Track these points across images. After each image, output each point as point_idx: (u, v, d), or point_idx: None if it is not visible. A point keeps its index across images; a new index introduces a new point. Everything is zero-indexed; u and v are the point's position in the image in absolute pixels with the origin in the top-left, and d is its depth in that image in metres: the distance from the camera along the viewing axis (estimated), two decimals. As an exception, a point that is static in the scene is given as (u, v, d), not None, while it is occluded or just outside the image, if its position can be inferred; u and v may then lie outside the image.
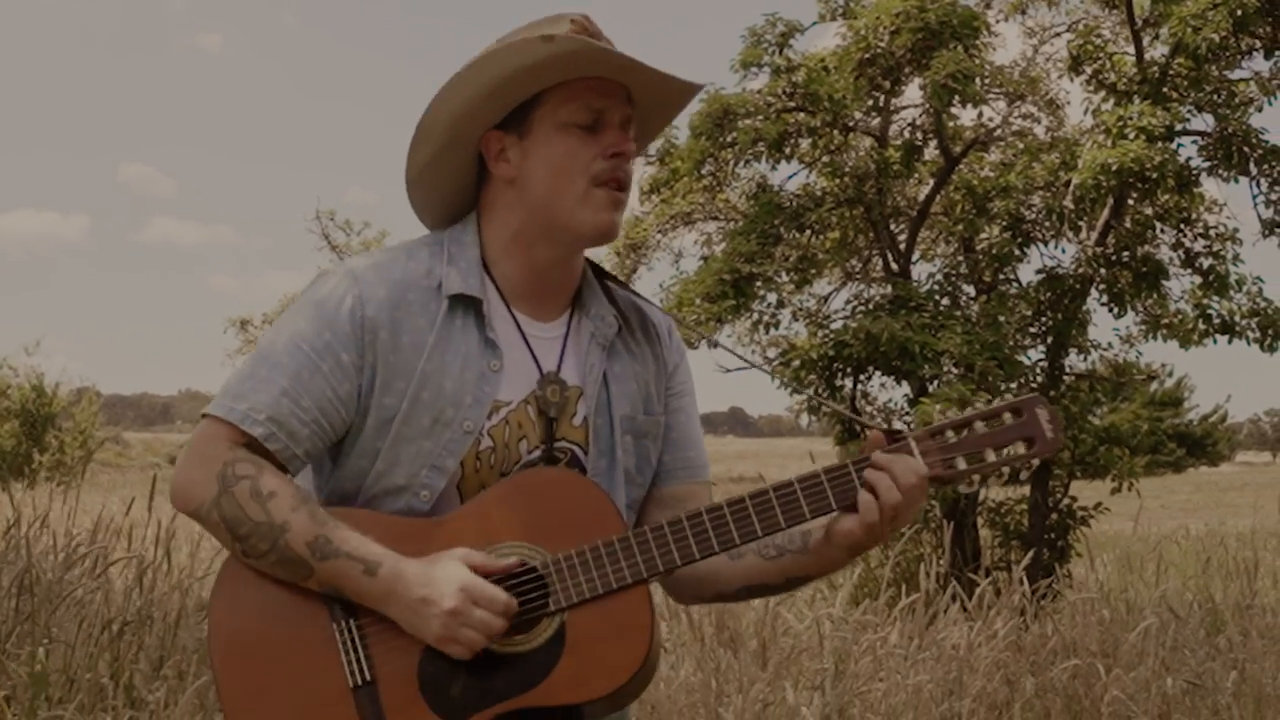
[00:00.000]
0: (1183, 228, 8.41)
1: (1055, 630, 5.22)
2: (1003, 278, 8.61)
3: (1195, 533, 12.79)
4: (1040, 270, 8.38)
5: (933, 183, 8.79)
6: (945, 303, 8.44)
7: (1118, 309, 8.38)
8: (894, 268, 8.70)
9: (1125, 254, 8.33)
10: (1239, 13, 7.69)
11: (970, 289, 8.72)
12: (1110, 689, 4.52)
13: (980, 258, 8.53)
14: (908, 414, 8.19)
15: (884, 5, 7.98)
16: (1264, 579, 7.91)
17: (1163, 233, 8.48)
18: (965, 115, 8.93)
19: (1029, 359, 8.32)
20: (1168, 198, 8.21)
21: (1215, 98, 8.36)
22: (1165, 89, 8.14)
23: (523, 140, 1.82)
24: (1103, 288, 8.31)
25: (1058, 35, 9.34)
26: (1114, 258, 8.30)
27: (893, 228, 8.95)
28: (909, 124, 8.91)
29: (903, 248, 8.76)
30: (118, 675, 4.16)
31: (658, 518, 1.83)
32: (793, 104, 8.40)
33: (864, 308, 8.42)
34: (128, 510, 5.30)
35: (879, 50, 7.98)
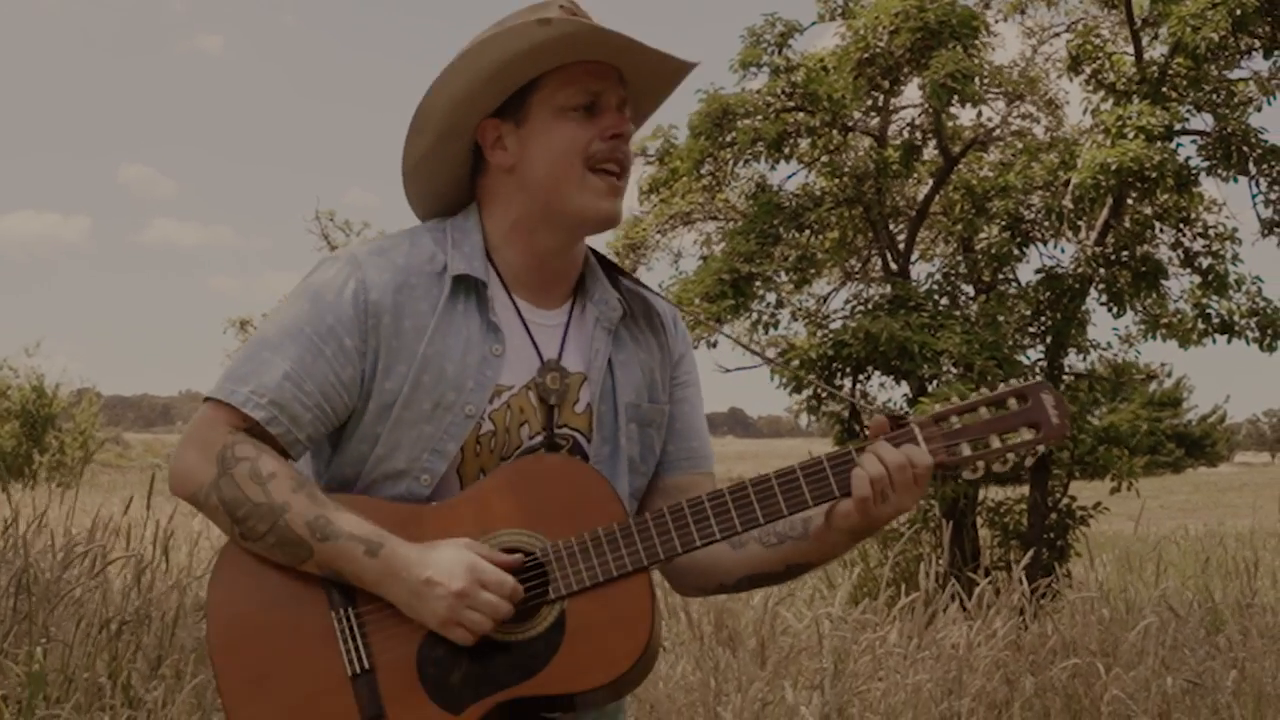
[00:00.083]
0: (1182, 227, 8.40)
1: (1055, 629, 5.20)
2: (1002, 277, 8.61)
3: (1194, 533, 12.80)
4: (1039, 270, 8.38)
5: (932, 182, 8.79)
6: (944, 302, 8.44)
7: (1117, 309, 8.37)
8: (893, 267, 8.70)
9: (1124, 254, 8.32)
10: (1238, 12, 7.69)
11: (969, 289, 8.71)
12: (1110, 688, 4.50)
13: (979, 257, 8.53)
14: (907, 413, 8.17)
15: (883, 5, 7.98)
16: (1264, 578, 7.90)
17: (1162, 232, 8.48)
18: (964, 115, 8.94)
19: (1028, 359, 8.31)
20: (1167, 197, 8.20)
21: (1214, 97, 8.36)
22: (1164, 89, 8.14)
23: (520, 128, 1.82)
24: (1102, 287, 8.30)
25: (1057, 35, 9.33)
26: (1113, 257, 8.30)
27: (892, 227, 8.95)
28: (908, 124, 8.91)
29: (902, 247, 8.76)
30: (115, 674, 4.15)
31: (660, 507, 1.81)
32: (792, 104, 8.40)
33: (863, 307, 8.42)
34: (126, 509, 5.28)
35: (878, 50, 7.98)
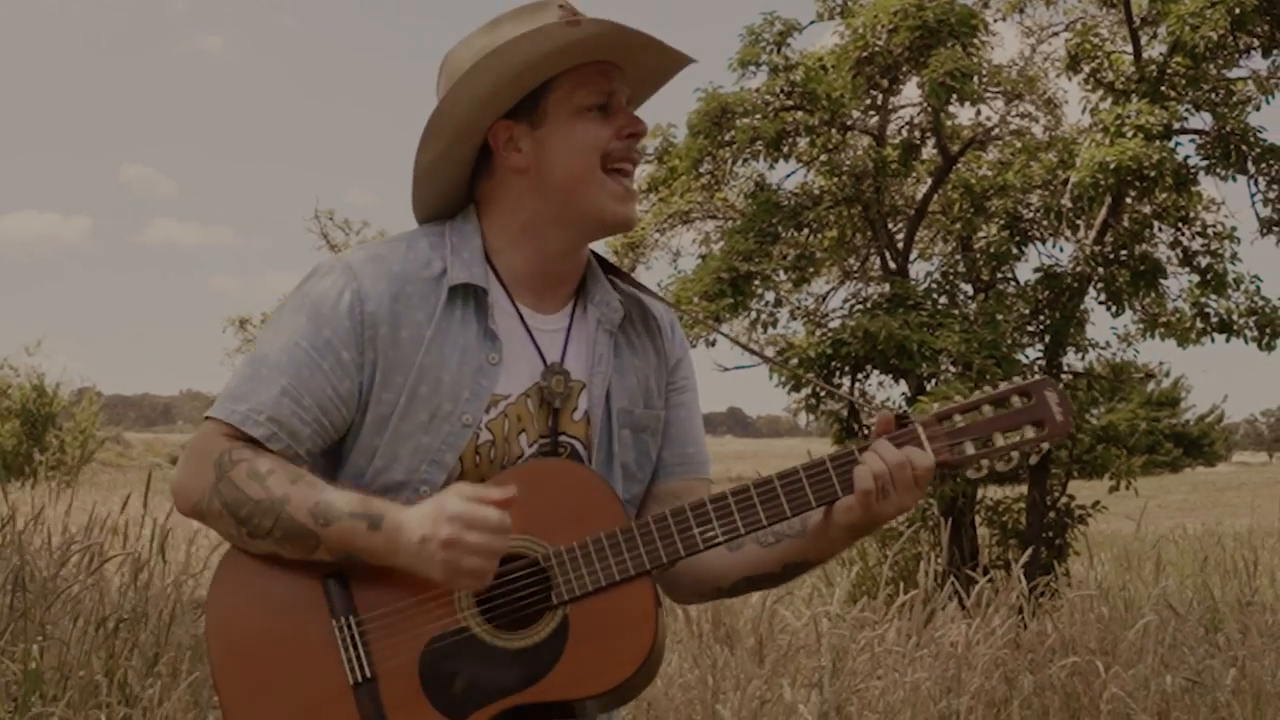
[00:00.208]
0: (1181, 226, 8.41)
1: (1054, 628, 5.20)
2: (1000, 276, 8.62)
3: (1193, 532, 12.80)
4: (1038, 269, 8.38)
5: (931, 181, 8.79)
6: (943, 301, 8.45)
7: (1115, 307, 8.38)
8: (892, 266, 8.70)
9: (1123, 252, 8.33)
10: (1237, 11, 7.70)
11: (968, 287, 8.72)
12: (1109, 686, 4.50)
13: (978, 256, 8.53)
14: (908, 413, 8.17)
15: (882, 4, 7.98)
16: (1263, 577, 7.90)
17: (1160, 231, 8.49)
18: (963, 114, 8.96)
19: (1027, 357, 8.32)
20: (1165, 196, 8.20)
21: (1213, 96, 8.37)
22: (1163, 87, 8.14)
23: (536, 129, 1.80)
24: (1100, 286, 8.30)
25: (1055, 34, 9.35)
26: (1112, 256, 8.30)
27: (890, 226, 8.95)
28: (907, 123, 8.91)
29: (900, 246, 8.76)
30: (112, 672, 4.14)
31: (661, 511, 1.78)
32: (790, 103, 8.40)
33: (862, 306, 8.42)
34: (123, 508, 5.28)
35: (877, 49, 7.98)
